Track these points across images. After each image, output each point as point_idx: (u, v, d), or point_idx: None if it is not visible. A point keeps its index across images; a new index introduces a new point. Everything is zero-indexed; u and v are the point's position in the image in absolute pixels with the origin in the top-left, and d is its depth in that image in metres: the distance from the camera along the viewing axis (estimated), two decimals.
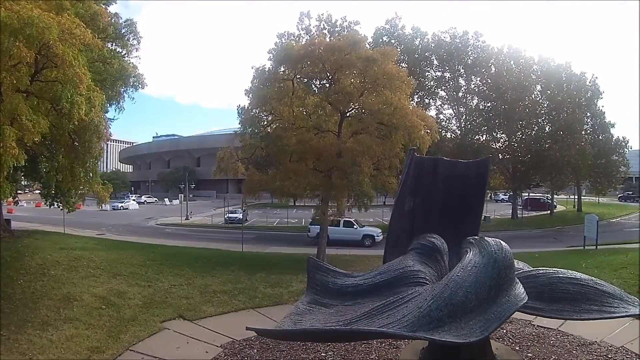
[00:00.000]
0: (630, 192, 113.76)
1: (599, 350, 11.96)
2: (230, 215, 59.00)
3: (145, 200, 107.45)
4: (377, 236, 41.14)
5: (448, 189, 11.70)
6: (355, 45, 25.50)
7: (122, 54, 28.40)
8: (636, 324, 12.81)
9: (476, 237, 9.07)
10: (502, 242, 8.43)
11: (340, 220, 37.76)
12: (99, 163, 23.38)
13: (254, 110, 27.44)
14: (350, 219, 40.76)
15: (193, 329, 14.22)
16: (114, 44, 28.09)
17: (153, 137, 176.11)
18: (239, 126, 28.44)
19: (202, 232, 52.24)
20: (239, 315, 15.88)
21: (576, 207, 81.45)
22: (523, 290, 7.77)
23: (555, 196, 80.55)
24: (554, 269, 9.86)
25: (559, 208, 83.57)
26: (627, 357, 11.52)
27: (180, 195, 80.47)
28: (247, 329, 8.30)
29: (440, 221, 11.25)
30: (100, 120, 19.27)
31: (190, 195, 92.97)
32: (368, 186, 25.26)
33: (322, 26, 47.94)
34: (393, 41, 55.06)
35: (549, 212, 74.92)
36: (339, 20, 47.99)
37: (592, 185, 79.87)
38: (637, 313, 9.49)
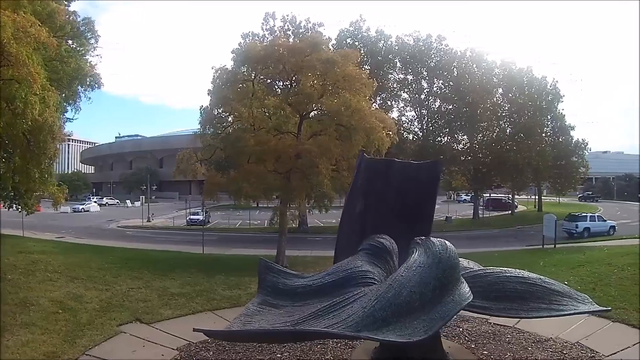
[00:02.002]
0: (590, 192, 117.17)
1: (554, 346, 12.13)
2: (192, 217, 58.51)
3: (106, 202, 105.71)
4: (616, 227, 50.40)
5: (399, 190, 11.72)
6: (316, 47, 25.57)
7: (81, 52, 27.84)
8: (592, 320, 13.05)
9: (423, 237, 9.13)
10: (447, 242, 8.52)
11: (594, 216, 51.93)
12: (59, 164, 22.94)
13: (214, 111, 27.25)
14: (600, 215, 53.48)
15: (150, 332, 13.94)
16: (73, 43, 27.52)
17: (116, 137, 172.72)
18: (199, 126, 28.20)
19: (164, 234, 51.64)
20: (196, 317, 15.66)
21: (537, 207, 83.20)
22: (468, 289, 7.82)
23: (516, 196, 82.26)
24: (502, 268, 9.96)
25: (520, 208, 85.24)
26: (581, 352, 11.71)
27: (142, 197, 79.51)
28: (195, 330, 8.26)
29: (392, 223, 11.25)
30: (54, 121, 18.85)
31: (153, 197, 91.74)
32: (328, 187, 25.27)
33: (286, 27, 48.12)
34: (357, 43, 55.44)
35: (510, 212, 76.67)
36: (303, 21, 48.18)
37: (552, 186, 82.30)
38: (587, 310, 9.71)
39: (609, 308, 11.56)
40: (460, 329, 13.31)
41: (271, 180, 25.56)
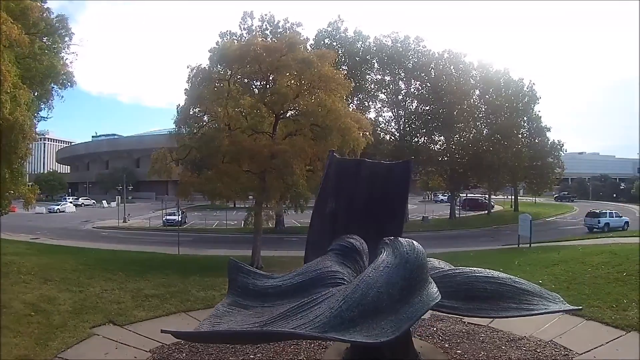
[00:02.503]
0: (566, 193, 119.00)
1: (528, 345, 12.24)
2: (169, 217, 58.01)
3: (82, 203, 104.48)
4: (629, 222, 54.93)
5: (370, 190, 11.73)
6: (292, 47, 25.47)
7: (55, 50, 27.37)
8: (566, 319, 13.14)
9: (391, 237, 9.12)
10: (414, 242, 8.49)
11: (612, 213, 54.92)
12: (34, 163, 22.54)
13: (190, 110, 27.02)
14: (616, 212, 57.11)
15: (123, 334, 13.82)
16: (47, 40, 27.04)
17: (92, 137, 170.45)
18: (174, 125, 27.92)
19: (140, 235, 51.09)
20: (169, 319, 15.56)
21: (513, 207, 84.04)
22: (436, 289, 7.82)
23: (492, 197, 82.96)
24: (472, 268, 9.96)
25: (497, 208, 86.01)
26: (555, 351, 11.85)
27: (118, 197, 78.66)
28: (163, 331, 8.18)
29: (362, 223, 11.26)
30: (25, 120, 18.56)
31: (129, 197, 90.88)
32: (304, 187, 25.20)
33: (264, 26, 47.92)
34: (335, 43, 55.48)
35: (486, 212, 77.27)
36: (281, 21, 48.05)
37: (528, 186, 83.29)
38: (558, 310, 9.77)
39: (580, 307, 11.67)
40: (434, 329, 13.37)
41: (246, 180, 25.44)
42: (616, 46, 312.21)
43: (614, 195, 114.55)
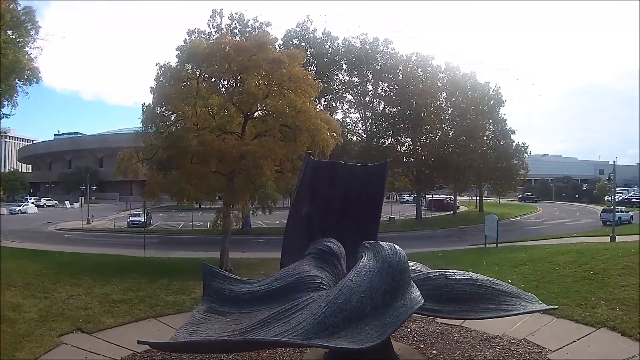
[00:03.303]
0: (529, 193, 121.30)
1: (501, 343, 12.40)
2: (133, 218, 56.80)
3: (44, 204, 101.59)
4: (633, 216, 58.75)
5: (346, 192, 11.68)
6: (262, 47, 25.09)
7: (20, 44, 26.48)
8: (537, 317, 13.30)
9: (371, 241, 9.06)
10: (396, 246, 8.48)
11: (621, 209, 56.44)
12: None
13: (157, 109, 26.41)
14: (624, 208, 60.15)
15: (92, 342, 13.43)
16: (12, 33, 26.12)
17: (55, 135, 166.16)
18: (141, 125, 27.11)
19: (104, 237, 49.96)
20: (139, 325, 15.22)
21: (478, 207, 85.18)
22: (419, 293, 7.81)
23: (457, 197, 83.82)
24: (452, 270, 10.09)
25: (462, 208, 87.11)
26: (529, 348, 12.05)
27: (81, 197, 76.92)
28: (139, 342, 7.94)
29: (339, 225, 11.23)
30: None
31: (93, 198, 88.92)
32: (272, 189, 24.94)
33: (233, 25, 47.38)
34: (303, 44, 55.18)
35: (452, 212, 78.06)
36: (250, 20, 47.62)
37: (493, 187, 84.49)
38: (535, 310, 9.93)
39: (556, 307, 12.08)
40: (409, 329, 13.39)
41: (214, 181, 25.04)
42: (578, 52, 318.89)
43: (576, 196, 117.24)
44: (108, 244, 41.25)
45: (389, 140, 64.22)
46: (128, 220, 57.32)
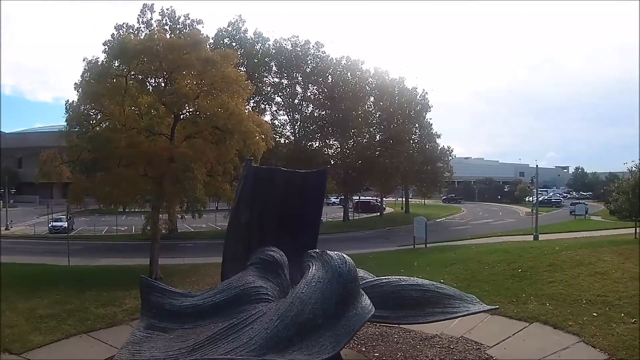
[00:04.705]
0: (453, 195, 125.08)
1: (441, 342, 12.69)
2: (55, 223, 53.21)
3: None
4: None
5: (286, 199, 11.53)
6: (196, 45, 24.27)
7: None
8: (472, 315, 13.59)
9: (317, 250, 8.94)
10: (344, 255, 8.37)
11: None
12: None
13: (82, 107, 24.93)
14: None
15: None
16: None
17: None
18: (66, 124, 25.38)
19: (25, 244, 46.22)
20: (70, 342, 14.26)
21: (404, 209, 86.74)
22: (369, 301, 7.74)
23: (383, 199, 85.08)
24: (397, 277, 10.16)
25: (388, 210, 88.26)
26: (467, 345, 12.44)
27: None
28: None
29: (279, 233, 11.06)
30: None
31: (11, 201, 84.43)
32: (201, 192, 24.19)
33: (164, 22, 46.13)
34: (234, 44, 54.40)
35: (378, 214, 78.98)
36: (181, 17, 46.54)
37: (418, 189, 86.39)
38: (478, 311, 10.16)
39: (497, 307, 12.50)
40: None
41: (143, 185, 24.01)
42: (498, 59, 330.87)
43: (498, 197, 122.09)
44: (29, 251, 38.32)
45: (317, 143, 64.31)
46: (49, 225, 54.42)
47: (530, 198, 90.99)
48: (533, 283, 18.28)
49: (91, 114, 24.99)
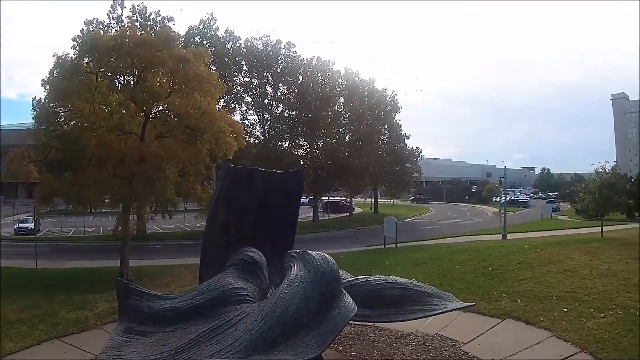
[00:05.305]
0: (422, 195, 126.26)
1: (416, 340, 12.79)
2: (21, 225, 51.85)
3: None
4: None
5: (263, 200, 11.46)
6: (169, 43, 23.94)
7: None
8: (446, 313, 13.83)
9: (297, 250, 8.95)
10: (326, 255, 8.42)
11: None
12: None
13: (51, 105, 24.18)
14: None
15: None
16: None
17: None
18: (33, 122, 24.71)
19: None
20: (42, 348, 13.76)
21: (373, 209, 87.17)
22: (352, 300, 7.78)
23: (352, 199, 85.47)
24: (377, 276, 10.28)
25: (357, 210, 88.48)
26: (443, 342, 12.61)
27: None
28: None
29: (256, 233, 11.00)
30: None
31: None
32: (172, 193, 23.88)
33: (135, 18, 45.42)
34: (205, 42, 53.76)
35: (348, 214, 79.22)
36: (152, 14, 45.98)
37: (387, 189, 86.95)
38: (456, 308, 10.37)
39: (473, 304, 12.79)
40: None
41: (113, 185, 23.55)
42: (466, 62, 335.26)
43: (466, 197, 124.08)
44: None
45: (287, 143, 64.38)
46: (15, 226, 53.17)
47: (498, 198, 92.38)
48: (504, 281, 18.58)
49: (60, 111, 24.38)
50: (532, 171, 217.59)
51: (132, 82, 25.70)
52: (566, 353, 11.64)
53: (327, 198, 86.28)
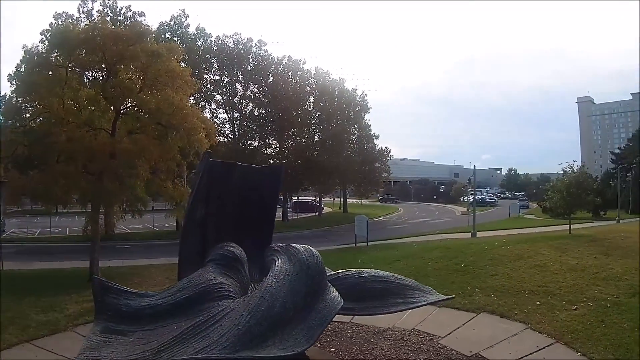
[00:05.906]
0: (390, 195, 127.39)
1: (394, 335, 12.96)
2: None
3: None
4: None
5: (242, 195, 11.32)
6: (142, 37, 23.43)
7: None
8: (421, 308, 13.76)
9: (281, 244, 8.88)
10: (311, 248, 8.39)
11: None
12: None
13: (18, 99, 23.41)
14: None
15: None
16: None
17: None
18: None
19: None
20: (13, 353, 13.15)
21: (342, 208, 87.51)
22: (337, 293, 7.76)
23: (321, 199, 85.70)
24: (359, 269, 10.31)
25: (326, 210, 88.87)
26: (420, 337, 12.80)
27: None
28: None
29: (235, 229, 10.83)
30: None
31: None
32: (142, 191, 23.44)
33: (105, 12, 44.67)
34: (176, 39, 53.00)
35: (317, 213, 79.38)
36: (123, 9, 45.32)
37: (356, 189, 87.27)
38: (436, 300, 10.56)
39: (453, 296, 13.12)
40: None
41: (82, 182, 22.93)
42: (433, 63, 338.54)
43: (434, 197, 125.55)
44: None
45: (257, 142, 64.55)
46: None
47: (466, 198, 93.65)
48: (476, 276, 18.87)
49: (27, 106, 23.71)
50: (498, 172, 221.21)
51: (102, 76, 25.07)
52: (542, 344, 11.92)
53: (296, 198, 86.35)
